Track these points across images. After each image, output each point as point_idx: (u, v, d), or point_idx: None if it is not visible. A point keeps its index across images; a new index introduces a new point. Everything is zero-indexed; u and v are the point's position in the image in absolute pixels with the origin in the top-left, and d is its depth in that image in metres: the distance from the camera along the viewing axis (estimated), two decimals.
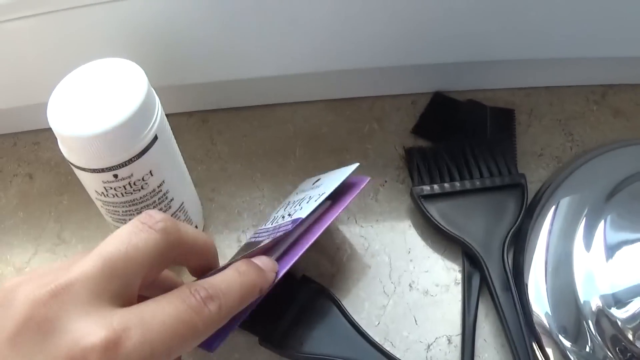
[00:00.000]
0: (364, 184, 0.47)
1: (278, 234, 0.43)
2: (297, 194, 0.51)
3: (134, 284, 0.34)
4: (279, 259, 0.43)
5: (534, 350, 0.45)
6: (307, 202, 0.46)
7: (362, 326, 0.46)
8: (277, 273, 0.42)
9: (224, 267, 0.39)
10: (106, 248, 0.33)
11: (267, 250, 0.43)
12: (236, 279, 0.38)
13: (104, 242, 0.34)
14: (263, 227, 0.49)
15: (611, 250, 0.46)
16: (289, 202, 0.50)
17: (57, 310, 0.30)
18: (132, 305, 0.33)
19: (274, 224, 0.47)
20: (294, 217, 0.45)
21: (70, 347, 0.29)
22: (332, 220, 0.45)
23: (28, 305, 0.30)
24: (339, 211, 0.45)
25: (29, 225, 0.55)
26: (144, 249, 0.34)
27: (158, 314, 0.32)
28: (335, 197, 0.47)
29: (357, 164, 0.48)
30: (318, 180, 0.51)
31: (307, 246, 0.43)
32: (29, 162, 0.60)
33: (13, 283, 0.32)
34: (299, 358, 0.45)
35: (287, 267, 0.42)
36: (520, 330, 0.45)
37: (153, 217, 0.36)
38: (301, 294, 0.48)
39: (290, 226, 0.43)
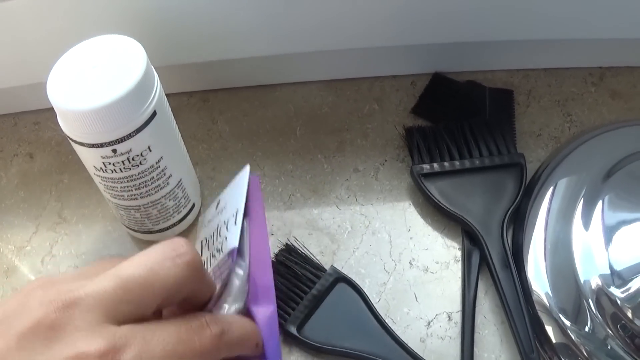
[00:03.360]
0: (257, 184, 0.40)
1: (224, 275, 0.39)
2: (205, 226, 0.44)
3: (147, 310, 0.33)
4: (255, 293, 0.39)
5: (532, 327, 0.44)
6: (228, 230, 0.39)
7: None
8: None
9: None
10: (127, 269, 0.33)
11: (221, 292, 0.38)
12: (239, 318, 0.37)
13: (127, 261, 0.33)
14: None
15: (609, 229, 0.46)
16: (205, 239, 0.43)
17: (65, 320, 0.30)
18: None
19: (211, 267, 0.41)
20: (226, 249, 0.38)
21: (70, 353, 0.30)
22: (265, 231, 0.40)
23: (40, 310, 0.31)
24: (264, 220, 0.40)
25: (30, 204, 0.55)
26: (164, 279, 0.33)
27: (159, 332, 0.32)
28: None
29: (247, 166, 0.40)
30: (218, 203, 0.43)
31: (268, 267, 0.38)
32: (30, 141, 0.59)
33: (35, 285, 0.33)
34: (319, 349, 0.45)
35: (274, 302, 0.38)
36: (519, 307, 0.45)
37: (180, 248, 0.34)
38: (324, 282, 0.47)
39: (230, 261, 0.38)
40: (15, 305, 0.32)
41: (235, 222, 0.38)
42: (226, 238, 0.39)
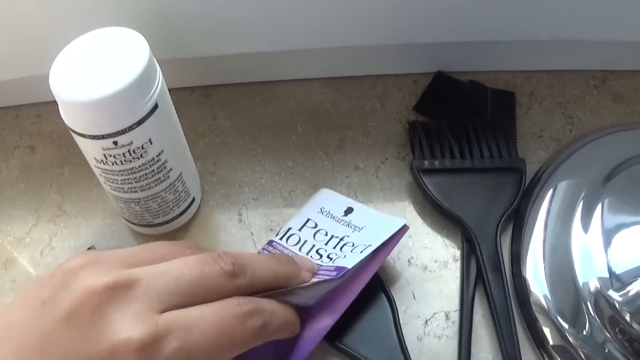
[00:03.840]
0: (400, 236, 0.45)
1: (321, 277, 0.42)
2: (321, 213, 0.49)
3: (192, 303, 0.34)
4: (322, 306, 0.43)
5: (517, 336, 0.44)
6: (352, 251, 0.44)
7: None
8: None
9: None
10: (177, 265, 0.34)
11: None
12: (283, 307, 0.38)
13: (175, 260, 0.35)
14: (283, 237, 0.48)
15: (609, 232, 0.45)
16: (314, 223, 0.48)
17: (110, 303, 0.31)
18: None
19: (303, 252, 0.46)
20: (337, 264, 0.43)
21: (112, 339, 0.30)
22: (374, 271, 0.44)
23: (85, 291, 0.31)
24: (379, 264, 0.44)
25: (30, 196, 0.54)
26: (211, 279, 0.34)
27: (201, 321, 0.33)
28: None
29: (404, 222, 0.45)
30: (349, 210, 0.49)
31: (352, 298, 0.43)
32: (31, 134, 0.59)
33: (75, 264, 0.33)
34: (333, 344, 0.44)
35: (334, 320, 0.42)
36: (507, 313, 0.44)
37: (225, 257, 0.36)
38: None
39: (334, 274, 0.41)
40: (59, 285, 0.32)
41: (362, 252, 0.43)
42: (344, 256, 0.43)
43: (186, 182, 0.47)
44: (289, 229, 0.48)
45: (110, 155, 0.41)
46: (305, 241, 0.47)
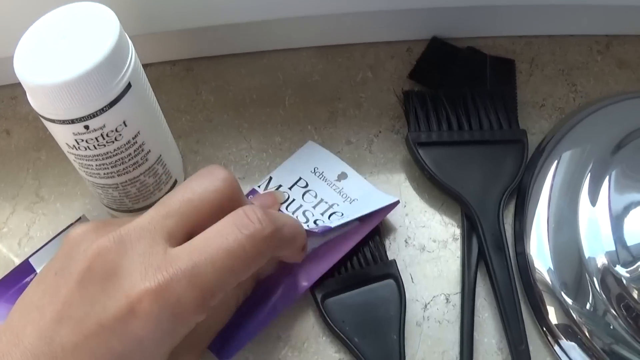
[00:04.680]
0: (392, 208, 0.46)
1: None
2: (314, 173, 0.49)
3: (188, 223, 0.35)
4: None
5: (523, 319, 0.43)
6: (339, 218, 0.45)
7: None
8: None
9: None
10: (166, 196, 0.36)
11: None
12: (293, 219, 0.39)
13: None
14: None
15: (617, 206, 0.44)
16: (305, 182, 0.48)
17: (117, 255, 0.32)
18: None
19: (291, 211, 0.47)
20: (325, 222, 0.45)
21: (128, 290, 0.31)
22: (356, 241, 0.45)
23: (92, 252, 0.32)
24: (363, 235, 0.45)
25: (6, 183, 0.52)
26: (201, 194, 0.35)
27: (206, 251, 0.33)
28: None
29: (397, 199, 0.46)
30: (343, 175, 0.49)
31: (330, 265, 0.44)
32: (6, 117, 0.56)
33: (78, 233, 0.35)
34: (330, 328, 0.43)
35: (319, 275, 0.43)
36: (511, 294, 0.43)
37: (215, 169, 0.37)
38: (377, 270, 0.44)
39: (318, 230, 0.43)
40: (67, 253, 0.34)
41: (346, 219, 0.44)
42: (329, 216, 0.45)
43: (167, 164, 0.45)
44: (279, 185, 0.48)
45: (82, 140, 0.39)
46: (294, 200, 0.47)
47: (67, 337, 0.31)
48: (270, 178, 0.49)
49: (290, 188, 0.48)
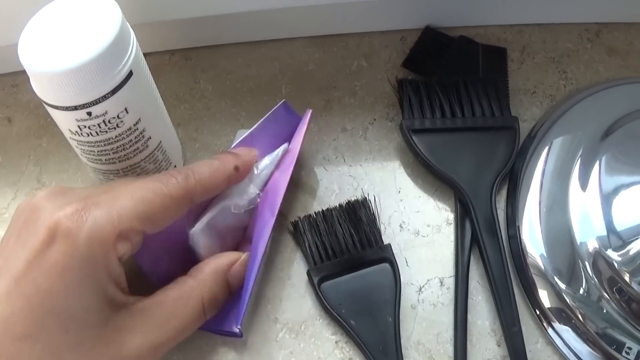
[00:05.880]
0: (308, 116, 0.47)
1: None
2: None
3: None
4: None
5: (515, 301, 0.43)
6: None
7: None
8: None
9: None
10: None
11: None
12: (207, 161, 0.41)
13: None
14: None
15: (607, 191, 0.44)
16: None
17: (45, 202, 0.35)
18: None
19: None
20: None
21: (47, 219, 0.33)
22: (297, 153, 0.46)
23: (27, 207, 0.35)
24: (300, 141, 0.46)
25: (8, 169, 0.52)
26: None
27: (128, 188, 0.36)
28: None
29: (283, 101, 0.48)
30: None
31: (287, 179, 0.45)
32: (8, 105, 0.56)
33: (21, 204, 0.37)
34: (327, 311, 0.43)
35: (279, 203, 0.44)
36: (504, 278, 0.43)
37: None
38: (372, 254, 0.44)
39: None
40: (17, 214, 0.36)
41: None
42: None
43: (166, 151, 0.45)
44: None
45: (85, 127, 0.39)
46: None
47: (3, 286, 0.32)
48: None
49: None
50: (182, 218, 0.40)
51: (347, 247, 0.44)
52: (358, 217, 0.45)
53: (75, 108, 0.37)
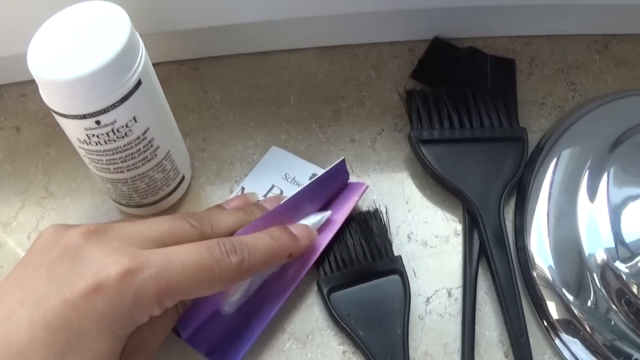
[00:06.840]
0: (361, 190, 0.47)
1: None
2: (286, 179, 0.49)
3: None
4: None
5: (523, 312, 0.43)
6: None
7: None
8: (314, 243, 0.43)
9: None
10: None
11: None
12: (265, 241, 0.39)
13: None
14: None
15: (616, 201, 0.44)
16: (280, 190, 0.49)
17: (90, 244, 0.34)
18: None
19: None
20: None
21: (99, 269, 0.32)
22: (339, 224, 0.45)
23: (65, 243, 0.34)
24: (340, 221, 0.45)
25: (16, 178, 0.52)
26: (182, 233, 0.37)
27: (181, 256, 0.35)
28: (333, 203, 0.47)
29: (342, 159, 0.46)
30: (313, 176, 0.49)
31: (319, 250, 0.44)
32: (16, 114, 0.56)
33: (49, 231, 0.37)
34: (336, 321, 0.43)
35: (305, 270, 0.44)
36: (512, 289, 0.43)
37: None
38: (382, 265, 0.44)
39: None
40: (37, 249, 0.36)
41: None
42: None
43: (175, 160, 0.45)
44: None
45: (94, 135, 0.39)
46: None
47: (25, 314, 0.31)
48: (243, 188, 0.49)
49: (265, 196, 0.48)
50: None
51: (358, 258, 0.44)
52: (369, 228, 0.45)
53: (84, 116, 0.37)
